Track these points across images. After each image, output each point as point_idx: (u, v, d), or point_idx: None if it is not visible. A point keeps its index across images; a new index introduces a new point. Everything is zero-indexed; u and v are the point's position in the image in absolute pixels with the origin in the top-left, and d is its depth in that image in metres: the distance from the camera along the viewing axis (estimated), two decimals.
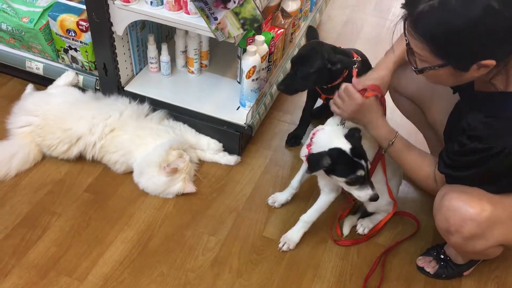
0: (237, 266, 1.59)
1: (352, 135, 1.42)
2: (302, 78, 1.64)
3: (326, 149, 1.39)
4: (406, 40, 1.19)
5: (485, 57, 1.10)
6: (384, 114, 1.49)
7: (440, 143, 1.57)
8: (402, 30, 1.19)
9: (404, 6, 1.15)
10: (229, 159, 1.91)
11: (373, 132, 1.47)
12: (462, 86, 1.27)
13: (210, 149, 1.90)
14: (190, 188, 1.76)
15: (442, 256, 1.59)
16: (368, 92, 1.40)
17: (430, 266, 1.60)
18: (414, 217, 1.76)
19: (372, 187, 1.43)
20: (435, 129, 1.65)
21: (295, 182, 1.74)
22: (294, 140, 2.00)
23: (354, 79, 1.43)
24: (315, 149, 1.43)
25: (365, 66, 1.72)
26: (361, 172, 1.39)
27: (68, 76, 2.00)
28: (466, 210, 1.27)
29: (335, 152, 1.38)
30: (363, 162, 1.39)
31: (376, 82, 1.46)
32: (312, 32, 1.76)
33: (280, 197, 1.77)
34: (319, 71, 1.61)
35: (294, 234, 1.64)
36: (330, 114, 1.56)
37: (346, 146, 1.39)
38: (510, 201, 1.29)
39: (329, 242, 1.68)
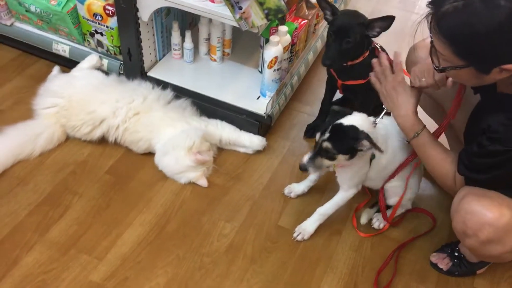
0: (251, 253, 1.62)
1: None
2: (347, 48, 1.61)
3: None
4: (431, 38, 1.19)
5: (507, 61, 1.10)
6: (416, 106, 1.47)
7: (460, 142, 1.56)
8: (428, 27, 1.18)
9: (430, 4, 1.15)
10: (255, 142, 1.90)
11: (400, 120, 1.44)
12: (484, 87, 1.26)
13: (253, 145, 1.89)
14: (203, 182, 1.79)
15: (456, 254, 1.59)
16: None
17: (444, 263, 1.61)
18: (431, 214, 1.76)
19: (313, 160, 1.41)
20: (455, 128, 1.64)
21: (313, 175, 1.76)
22: (313, 131, 2.01)
23: (396, 55, 1.42)
24: None
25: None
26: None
27: (92, 59, 2.04)
28: (484, 214, 1.26)
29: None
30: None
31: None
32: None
33: (296, 188, 1.79)
34: (361, 38, 1.61)
35: (309, 225, 1.66)
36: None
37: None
38: None
39: (342, 234, 1.70)
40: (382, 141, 1.45)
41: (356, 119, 1.38)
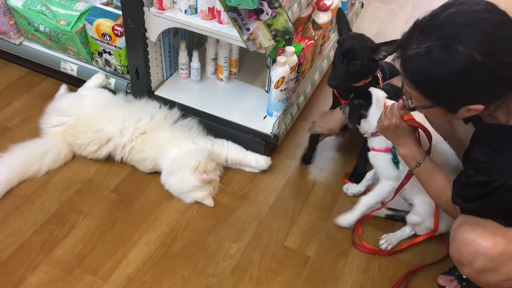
0: (257, 274, 1.60)
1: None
2: (354, 71, 1.63)
3: None
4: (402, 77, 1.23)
5: (472, 102, 1.13)
6: (431, 141, 1.49)
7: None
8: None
9: (398, 46, 1.19)
10: (261, 162, 1.90)
11: (400, 151, 1.47)
12: (472, 117, 1.26)
13: (259, 165, 1.89)
14: (209, 201, 1.78)
15: (464, 277, 1.57)
16: (407, 115, 1.40)
17: (452, 286, 1.59)
18: (443, 240, 1.72)
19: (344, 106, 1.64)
20: (463, 144, 1.63)
21: (370, 174, 1.81)
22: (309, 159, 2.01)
23: (400, 101, 1.43)
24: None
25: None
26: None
27: (98, 78, 2.05)
28: (479, 243, 1.26)
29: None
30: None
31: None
32: (342, 16, 1.73)
33: (353, 187, 1.86)
34: (368, 61, 1.63)
35: (351, 215, 1.70)
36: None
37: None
38: None
39: (350, 255, 1.68)
40: None
41: (378, 92, 1.57)
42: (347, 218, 1.72)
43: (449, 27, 1.09)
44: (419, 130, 1.47)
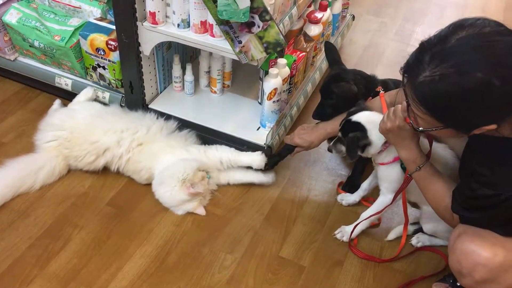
0: (253, 285, 1.61)
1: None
2: (329, 108, 1.74)
3: None
4: (407, 100, 1.23)
5: (486, 124, 1.13)
6: (431, 145, 1.50)
7: None
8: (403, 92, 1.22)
9: (405, 73, 1.19)
10: (263, 179, 1.90)
11: (401, 154, 1.47)
12: None
13: (254, 163, 1.86)
14: (201, 211, 1.79)
15: (459, 284, 1.58)
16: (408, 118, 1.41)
17: None
18: (442, 253, 1.72)
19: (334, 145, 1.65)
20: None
21: (365, 184, 1.82)
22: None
23: (404, 103, 1.44)
24: None
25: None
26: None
27: (88, 92, 2.07)
28: (478, 254, 1.27)
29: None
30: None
31: None
32: (330, 50, 1.83)
33: (348, 197, 1.87)
34: (342, 99, 1.69)
35: (351, 227, 1.71)
36: None
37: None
38: None
39: (344, 265, 1.69)
40: None
41: (364, 116, 1.56)
42: (347, 232, 1.73)
43: (463, 53, 1.08)
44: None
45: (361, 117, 1.56)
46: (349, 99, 1.68)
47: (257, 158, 1.87)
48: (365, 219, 1.69)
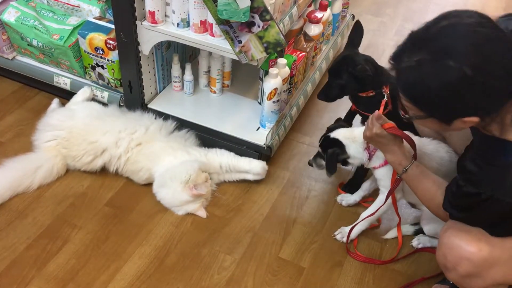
0: (252, 286, 1.60)
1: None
2: (336, 88, 1.74)
3: None
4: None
5: (465, 115, 1.13)
6: (414, 148, 1.49)
7: None
8: None
9: (391, 59, 1.20)
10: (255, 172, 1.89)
11: (387, 158, 1.50)
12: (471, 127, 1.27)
13: (254, 169, 1.86)
14: (202, 213, 1.78)
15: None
16: (387, 123, 1.43)
17: None
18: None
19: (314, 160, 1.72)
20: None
21: (365, 184, 1.83)
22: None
23: (376, 111, 1.47)
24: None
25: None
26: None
27: (85, 92, 2.07)
28: (463, 249, 1.27)
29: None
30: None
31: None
32: (357, 32, 1.81)
33: (348, 198, 1.87)
34: (349, 81, 1.70)
35: (349, 227, 1.71)
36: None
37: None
38: (511, 243, 1.27)
39: (344, 266, 1.68)
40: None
41: (341, 133, 1.63)
42: (345, 232, 1.73)
43: (440, 41, 1.10)
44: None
45: (339, 133, 1.63)
46: (359, 80, 1.69)
47: (257, 165, 1.87)
48: (364, 219, 1.69)
